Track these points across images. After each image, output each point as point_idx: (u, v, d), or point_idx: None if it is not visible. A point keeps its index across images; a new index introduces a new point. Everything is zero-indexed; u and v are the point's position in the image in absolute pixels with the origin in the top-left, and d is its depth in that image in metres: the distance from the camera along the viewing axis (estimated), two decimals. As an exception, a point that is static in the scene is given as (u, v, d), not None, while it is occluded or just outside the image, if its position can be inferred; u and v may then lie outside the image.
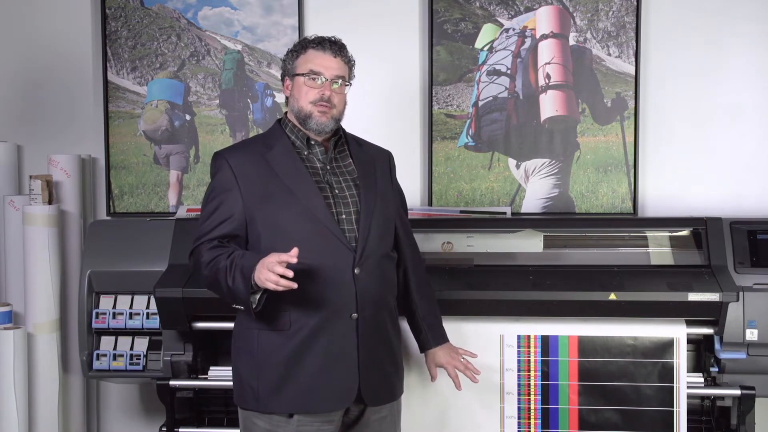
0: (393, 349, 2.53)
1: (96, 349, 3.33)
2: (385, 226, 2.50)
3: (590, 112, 3.62)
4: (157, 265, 3.21)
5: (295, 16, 3.74)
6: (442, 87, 3.68)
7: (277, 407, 2.38)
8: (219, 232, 2.37)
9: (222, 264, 2.28)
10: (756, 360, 2.99)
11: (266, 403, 2.39)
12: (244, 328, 2.43)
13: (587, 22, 3.62)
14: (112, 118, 3.83)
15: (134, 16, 3.82)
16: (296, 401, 2.38)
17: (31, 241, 3.49)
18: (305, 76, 2.42)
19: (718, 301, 2.92)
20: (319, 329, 2.37)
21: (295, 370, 2.37)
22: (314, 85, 2.42)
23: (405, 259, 2.63)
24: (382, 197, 2.50)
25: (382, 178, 2.56)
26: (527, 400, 3.00)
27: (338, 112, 2.47)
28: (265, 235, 2.37)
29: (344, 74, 2.46)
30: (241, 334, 2.46)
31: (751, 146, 3.58)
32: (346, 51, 2.48)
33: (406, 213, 2.69)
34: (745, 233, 3.10)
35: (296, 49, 2.47)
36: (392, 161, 2.67)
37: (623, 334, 2.99)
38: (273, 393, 2.38)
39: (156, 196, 3.83)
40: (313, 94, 2.41)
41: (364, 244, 2.41)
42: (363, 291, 2.39)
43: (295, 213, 2.37)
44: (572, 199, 3.64)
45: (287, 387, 2.37)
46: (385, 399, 2.50)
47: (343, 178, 2.48)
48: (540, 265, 3.19)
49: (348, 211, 2.43)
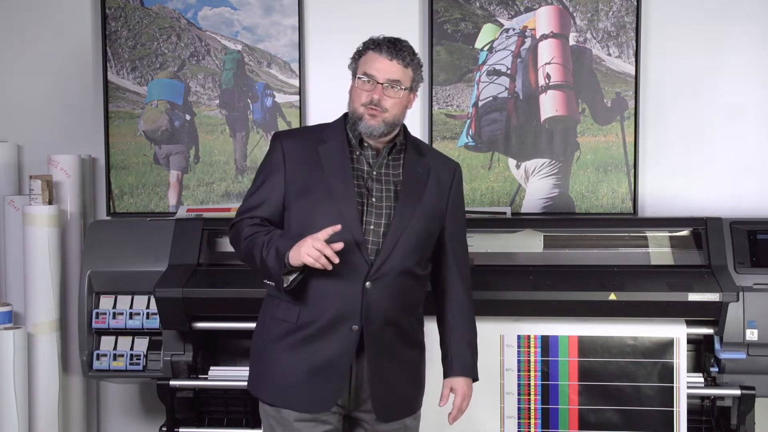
0: (406, 366, 2.46)
1: (96, 349, 3.33)
2: (418, 243, 2.39)
3: (590, 112, 3.62)
4: (157, 265, 3.21)
5: (295, 16, 3.74)
6: (442, 87, 3.68)
7: (263, 395, 2.43)
8: (261, 212, 2.40)
9: (259, 240, 2.33)
10: (756, 360, 2.99)
11: (255, 387, 2.45)
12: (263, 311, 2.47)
13: (587, 22, 3.62)
14: (112, 118, 3.83)
15: (134, 16, 3.82)
16: (279, 394, 2.38)
17: (31, 241, 3.49)
18: (359, 79, 2.38)
19: (718, 301, 2.92)
20: (319, 332, 2.34)
21: (286, 362, 2.37)
22: (366, 88, 2.37)
23: (444, 281, 2.51)
24: (423, 212, 2.39)
25: (434, 191, 2.44)
26: (527, 400, 3.00)
27: (392, 116, 2.37)
28: (294, 225, 2.37)
29: (400, 78, 2.37)
30: (260, 316, 2.49)
31: (750, 146, 3.58)
32: (405, 53, 2.39)
33: (462, 231, 2.55)
34: (745, 233, 3.10)
35: (360, 50, 2.42)
36: (458, 174, 2.53)
37: (623, 334, 2.99)
38: (260, 378, 2.43)
39: (156, 196, 3.83)
40: (364, 97, 2.36)
41: (384, 259, 2.34)
42: (371, 305, 2.33)
43: (326, 214, 2.32)
44: (572, 199, 3.64)
45: (268, 373, 2.40)
46: (397, 415, 2.45)
47: (386, 186, 2.39)
48: (540, 265, 3.19)
49: (379, 222, 2.36)
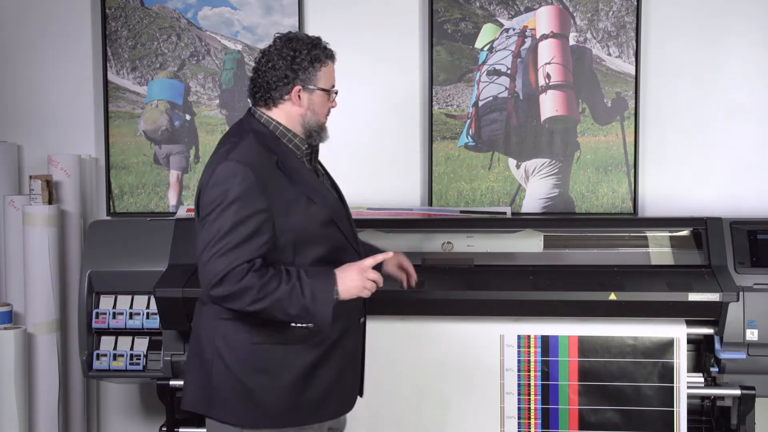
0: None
1: (96, 349, 3.33)
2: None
3: (590, 112, 3.62)
4: (157, 265, 3.21)
5: (295, 16, 3.74)
6: (442, 87, 3.68)
7: (290, 420, 2.31)
8: (259, 252, 2.21)
9: (284, 286, 2.18)
10: (756, 360, 2.99)
11: (280, 418, 2.30)
12: (258, 346, 2.29)
13: (587, 22, 3.62)
14: (112, 118, 3.83)
15: (134, 16, 3.82)
16: (311, 412, 2.33)
17: (31, 241, 3.49)
18: (329, 92, 2.38)
19: (718, 301, 2.92)
20: (338, 339, 2.35)
21: (312, 381, 2.31)
22: (333, 102, 2.41)
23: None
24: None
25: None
26: (527, 400, 3.00)
27: None
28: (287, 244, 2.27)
29: None
30: (255, 354, 2.29)
31: (750, 146, 3.58)
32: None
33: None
34: (745, 233, 3.10)
35: (316, 61, 2.34)
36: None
37: (623, 334, 2.99)
38: (289, 407, 2.29)
39: (156, 196, 3.83)
40: (329, 109, 2.41)
41: (358, 244, 2.45)
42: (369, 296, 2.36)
43: (317, 220, 2.31)
44: (572, 199, 3.64)
45: (304, 399, 2.31)
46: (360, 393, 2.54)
47: (327, 184, 2.49)
48: (540, 265, 3.19)
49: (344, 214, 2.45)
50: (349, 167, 3.61)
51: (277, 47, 2.34)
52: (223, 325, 2.29)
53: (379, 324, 3.05)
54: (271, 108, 2.36)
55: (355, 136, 3.69)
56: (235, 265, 2.15)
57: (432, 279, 3.04)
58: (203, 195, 2.25)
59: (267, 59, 2.34)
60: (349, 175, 3.65)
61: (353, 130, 3.69)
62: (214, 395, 2.30)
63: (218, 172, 2.21)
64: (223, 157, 2.24)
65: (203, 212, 2.24)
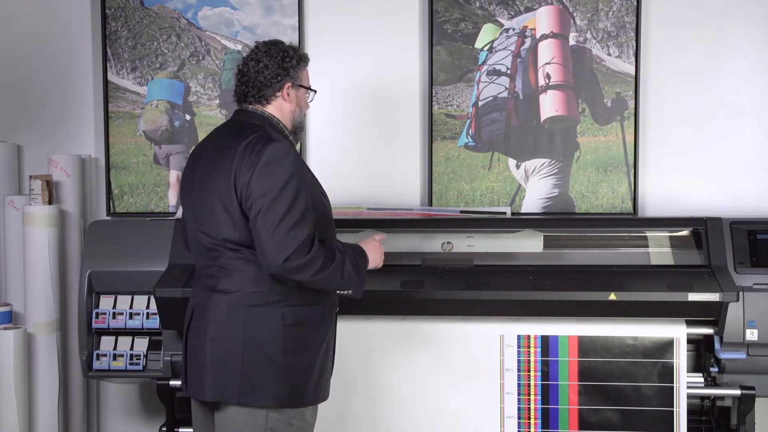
0: None
1: (96, 349, 3.33)
2: None
3: (590, 112, 3.62)
4: (157, 265, 3.21)
5: (295, 16, 3.74)
6: (442, 87, 3.68)
7: (320, 397, 2.48)
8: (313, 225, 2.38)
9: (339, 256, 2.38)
10: (756, 360, 2.99)
11: (316, 395, 2.45)
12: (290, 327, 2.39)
13: (587, 22, 3.62)
14: (112, 118, 3.83)
15: (134, 16, 3.82)
16: (324, 390, 2.50)
17: (31, 241, 3.49)
18: (310, 91, 2.58)
19: (718, 301, 2.92)
20: (332, 322, 2.52)
21: (324, 360, 2.47)
22: (309, 103, 2.61)
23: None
24: None
25: None
26: (527, 400, 3.00)
27: None
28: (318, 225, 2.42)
29: None
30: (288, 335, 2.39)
31: (750, 146, 3.58)
32: None
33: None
34: (745, 233, 3.10)
35: (301, 60, 2.55)
36: None
37: (623, 334, 2.99)
38: (317, 384, 2.45)
39: (156, 196, 3.83)
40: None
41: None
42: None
43: (326, 212, 2.50)
44: (572, 199, 3.64)
45: (323, 377, 2.48)
46: None
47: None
48: (540, 265, 3.19)
49: None
50: (349, 167, 3.60)
51: (263, 50, 2.50)
52: (253, 312, 2.37)
53: (379, 324, 3.05)
54: (264, 105, 2.51)
55: (355, 135, 3.69)
56: (303, 237, 2.29)
57: (432, 279, 3.05)
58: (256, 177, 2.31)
59: (256, 61, 2.48)
60: (349, 175, 3.66)
61: (353, 130, 3.69)
62: (244, 382, 2.36)
63: (269, 152, 2.32)
64: (267, 140, 2.35)
65: (259, 191, 2.30)
